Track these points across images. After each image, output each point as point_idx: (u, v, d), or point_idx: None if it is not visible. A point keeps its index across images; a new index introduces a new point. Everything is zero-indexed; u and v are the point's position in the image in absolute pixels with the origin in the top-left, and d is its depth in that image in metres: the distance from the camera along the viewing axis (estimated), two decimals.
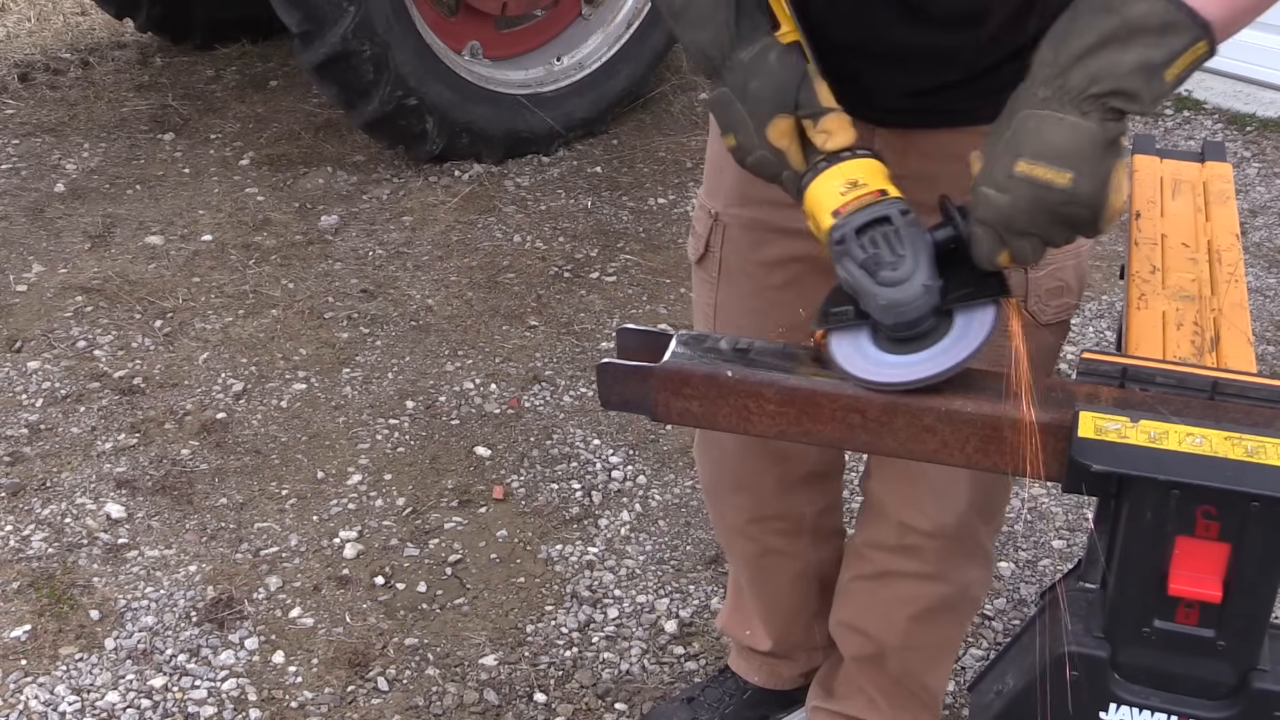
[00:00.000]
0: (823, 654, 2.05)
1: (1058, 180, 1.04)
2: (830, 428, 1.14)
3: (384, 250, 3.47)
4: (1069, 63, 1.04)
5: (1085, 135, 1.03)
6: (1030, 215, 1.06)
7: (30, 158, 3.96)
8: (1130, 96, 1.03)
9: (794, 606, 1.95)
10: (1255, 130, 4.19)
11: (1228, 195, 1.57)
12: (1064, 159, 1.04)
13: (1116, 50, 1.02)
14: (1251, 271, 3.38)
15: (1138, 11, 1.02)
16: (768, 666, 2.04)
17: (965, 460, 1.12)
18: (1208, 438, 1.01)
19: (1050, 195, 1.05)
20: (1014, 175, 1.05)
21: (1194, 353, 1.25)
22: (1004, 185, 1.06)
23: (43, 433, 2.76)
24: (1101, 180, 1.05)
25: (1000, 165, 1.06)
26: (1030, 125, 1.05)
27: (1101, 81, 1.03)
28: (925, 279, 1.10)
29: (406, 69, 3.57)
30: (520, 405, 2.88)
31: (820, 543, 1.91)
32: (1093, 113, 1.03)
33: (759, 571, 1.92)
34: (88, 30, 4.89)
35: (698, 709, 2.06)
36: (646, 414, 1.20)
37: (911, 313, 1.11)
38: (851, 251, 1.12)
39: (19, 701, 2.12)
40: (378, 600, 2.34)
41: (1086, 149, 1.03)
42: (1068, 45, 1.04)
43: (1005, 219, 1.07)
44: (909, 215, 1.13)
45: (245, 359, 3.01)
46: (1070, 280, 1.47)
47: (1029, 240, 1.08)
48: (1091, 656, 1.05)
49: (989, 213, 1.08)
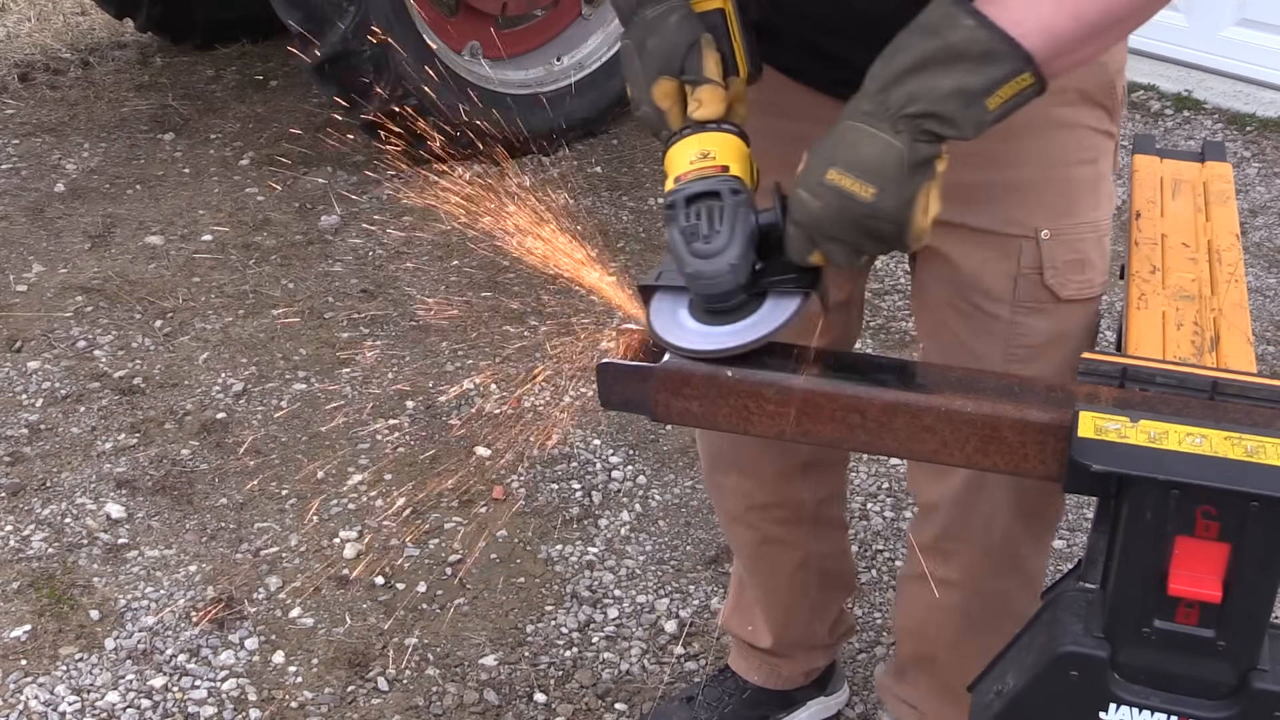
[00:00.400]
0: (823, 654, 2.05)
1: (861, 194, 1.06)
2: (830, 428, 1.14)
3: (384, 250, 3.47)
4: (891, 80, 1.06)
5: (894, 154, 1.05)
6: (836, 223, 1.09)
7: (30, 158, 3.96)
8: (946, 120, 1.04)
9: (794, 599, 1.95)
10: (1255, 130, 4.19)
11: (1228, 195, 1.57)
12: (870, 174, 1.06)
13: (936, 73, 1.04)
14: (1251, 271, 3.38)
15: (959, 37, 1.03)
16: (768, 665, 2.04)
17: (965, 460, 1.12)
18: (1208, 438, 1.01)
19: (854, 207, 1.07)
20: (825, 183, 1.08)
21: (1194, 353, 1.25)
22: (815, 191, 1.09)
23: (43, 433, 2.76)
24: (905, 199, 1.06)
25: (815, 171, 1.09)
26: (848, 136, 1.07)
27: (918, 102, 1.04)
28: (733, 258, 1.13)
29: (406, 69, 3.57)
30: (520, 405, 2.88)
31: (821, 533, 1.90)
32: (905, 133, 1.05)
33: (758, 561, 1.92)
34: (88, 30, 4.89)
35: (697, 709, 2.06)
36: (646, 414, 1.21)
37: (714, 286, 1.15)
38: (677, 218, 1.17)
39: (19, 701, 2.12)
40: (378, 600, 2.34)
41: (892, 167, 1.05)
42: (894, 62, 1.06)
43: (815, 223, 1.10)
44: (740, 195, 1.16)
45: (245, 359, 3.01)
46: (1091, 255, 1.42)
47: (839, 245, 1.10)
48: (1091, 656, 1.05)
49: (801, 214, 1.11)
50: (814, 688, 2.09)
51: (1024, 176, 1.37)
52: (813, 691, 2.10)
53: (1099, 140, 1.40)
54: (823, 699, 2.11)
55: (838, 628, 2.04)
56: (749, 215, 1.15)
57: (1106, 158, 1.43)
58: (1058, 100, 1.31)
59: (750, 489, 1.82)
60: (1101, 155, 1.41)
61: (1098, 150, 1.40)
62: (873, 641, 2.29)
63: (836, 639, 2.06)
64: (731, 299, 1.15)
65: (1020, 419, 1.09)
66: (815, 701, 2.11)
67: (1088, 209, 1.40)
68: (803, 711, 2.10)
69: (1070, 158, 1.38)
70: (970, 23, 1.03)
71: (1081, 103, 1.35)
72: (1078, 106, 1.35)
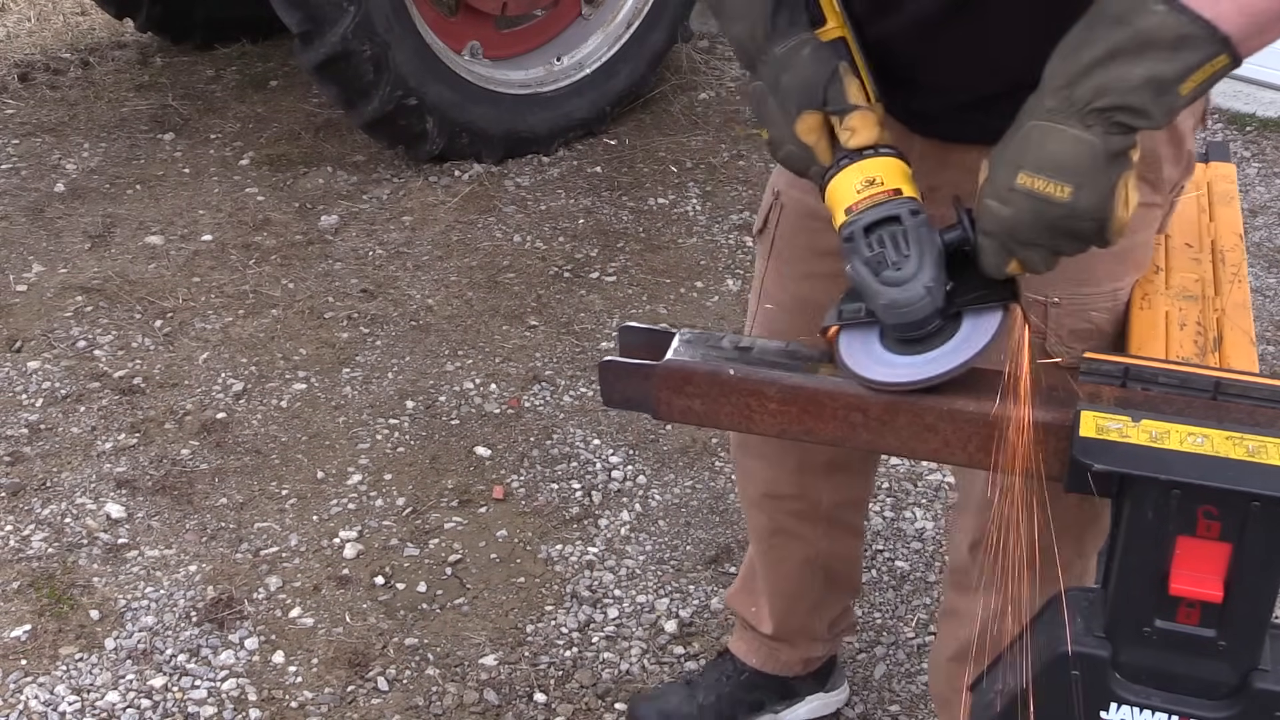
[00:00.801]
0: (822, 645, 2.06)
1: (1058, 194, 1.03)
2: (832, 426, 1.14)
3: (384, 250, 3.47)
4: (1077, 75, 1.02)
5: (1087, 149, 1.01)
6: (1033, 228, 1.05)
7: (30, 158, 3.96)
8: (1138, 112, 1.01)
9: (798, 590, 1.96)
10: (1255, 130, 4.19)
11: (1231, 195, 1.57)
12: (1065, 172, 1.02)
13: (1126, 63, 1.00)
14: (1252, 271, 3.38)
15: (1150, 23, 0.99)
16: (766, 649, 2.04)
17: (967, 459, 1.12)
18: (1209, 437, 1.01)
19: (1051, 209, 1.04)
20: (1015, 188, 1.04)
21: (1197, 353, 1.25)
22: (1006, 198, 1.05)
23: (43, 433, 2.76)
24: (1103, 194, 1.03)
25: (1003, 177, 1.05)
26: (1034, 137, 1.04)
27: (1108, 95, 1.01)
28: (928, 280, 1.09)
29: (406, 69, 3.57)
30: (520, 405, 2.87)
31: (834, 535, 1.90)
32: (1096, 126, 1.01)
33: (768, 549, 1.93)
34: (88, 30, 4.89)
35: (695, 689, 2.08)
36: (648, 412, 1.20)
37: (913, 314, 1.10)
38: (859, 249, 1.12)
39: (19, 701, 2.12)
40: (378, 600, 2.34)
41: (1087, 163, 1.02)
42: (1077, 56, 1.02)
43: (1009, 230, 1.06)
44: (919, 216, 1.12)
45: (245, 359, 3.01)
46: (1104, 324, 1.37)
47: (1036, 251, 1.07)
48: (1092, 656, 1.05)
49: (992, 224, 1.07)
50: (813, 681, 2.10)
51: None
52: (812, 685, 2.11)
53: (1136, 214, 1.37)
54: (822, 695, 2.12)
55: (838, 624, 2.05)
56: (934, 235, 1.11)
57: (1146, 229, 1.37)
58: None
59: (771, 477, 1.83)
60: (1138, 228, 1.34)
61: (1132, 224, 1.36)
62: (873, 641, 2.29)
63: (835, 635, 2.07)
64: (930, 324, 1.11)
65: (1022, 418, 1.09)
66: (815, 697, 2.11)
67: (1107, 279, 1.36)
68: (801, 706, 2.11)
69: None
70: (1161, 8, 0.98)
71: None
72: None
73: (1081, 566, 1.60)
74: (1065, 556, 1.57)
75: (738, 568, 2.42)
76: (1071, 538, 1.55)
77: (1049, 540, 1.54)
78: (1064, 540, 1.55)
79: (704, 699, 2.06)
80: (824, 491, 1.83)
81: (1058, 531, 1.54)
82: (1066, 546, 1.56)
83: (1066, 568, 1.57)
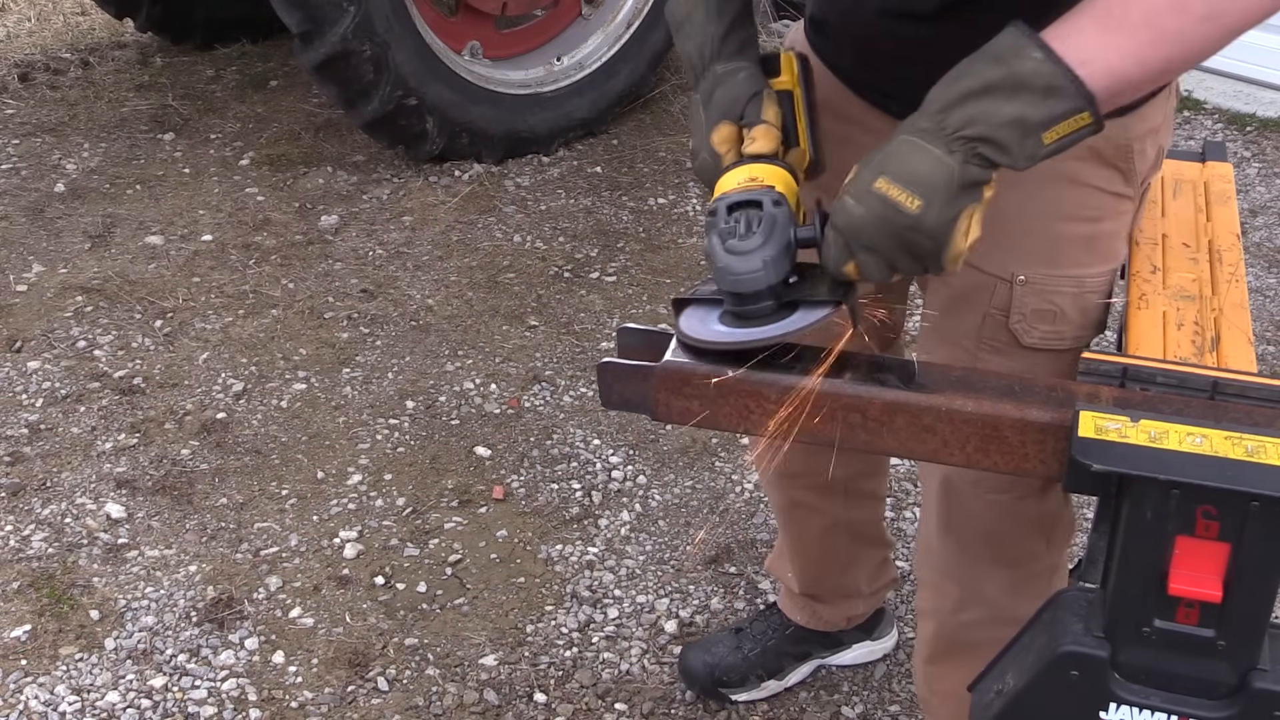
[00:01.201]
0: (863, 603, 2.11)
1: (907, 204, 1.07)
2: (831, 427, 1.15)
3: (384, 250, 3.47)
4: (952, 102, 1.07)
5: (945, 170, 1.06)
6: (876, 232, 1.09)
7: (30, 158, 3.96)
8: (1000, 147, 1.05)
9: (822, 555, 2.01)
10: (1255, 130, 4.19)
11: (1228, 195, 1.57)
12: (918, 186, 1.07)
13: (998, 101, 1.04)
14: (1251, 271, 3.38)
15: (1025, 68, 1.04)
16: (809, 608, 2.11)
17: (965, 460, 1.12)
18: (1208, 437, 1.01)
19: (898, 218, 1.08)
20: (872, 190, 1.09)
21: (1195, 353, 1.25)
22: (861, 197, 1.10)
23: (43, 433, 2.76)
24: (949, 217, 1.07)
25: (864, 179, 1.10)
26: (902, 150, 1.08)
27: (975, 126, 1.05)
28: (766, 256, 1.14)
29: (406, 69, 3.57)
30: (520, 405, 2.88)
31: (852, 504, 1.95)
32: (958, 153, 1.06)
33: (788, 521, 2.00)
34: (88, 30, 4.89)
35: (742, 639, 2.15)
36: (647, 413, 1.21)
37: (745, 283, 1.15)
38: (716, 223, 1.18)
39: (19, 701, 2.12)
40: (378, 600, 2.34)
41: (942, 183, 1.06)
42: (956, 85, 1.07)
43: (854, 229, 1.10)
44: (781, 207, 1.17)
45: (245, 359, 3.01)
46: (1066, 308, 1.40)
47: (875, 257, 1.11)
48: (1091, 656, 1.05)
49: (843, 219, 1.11)
50: (859, 631, 2.17)
51: (1014, 222, 1.36)
52: (858, 635, 2.18)
53: (1106, 201, 1.37)
54: (869, 643, 2.19)
55: (877, 579, 2.11)
56: (788, 225, 1.16)
57: (1115, 219, 1.39)
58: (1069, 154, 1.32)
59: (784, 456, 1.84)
60: (1107, 216, 1.38)
61: (1102, 210, 1.37)
62: None
63: (876, 589, 2.12)
64: (761, 300, 1.15)
65: (1021, 419, 1.09)
66: (861, 645, 2.19)
67: (1073, 265, 1.38)
68: (848, 653, 2.18)
69: (1065, 212, 1.36)
70: (1039, 55, 1.04)
71: (1092, 160, 1.34)
72: (1087, 163, 1.34)
73: (1050, 560, 1.62)
74: (1031, 548, 1.59)
75: (738, 568, 2.42)
76: (1037, 530, 1.57)
77: (1012, 531, 1.56)
78: (1029, 532, 1.57)
79: (750, 650, 2.13)
80: (838, 467, 1.85)
81: (1022, 523, 1.56)
82: (1032, 538, 1.58)
83: (1033, 559, 1.59)
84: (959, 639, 1.67)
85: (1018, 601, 1.54)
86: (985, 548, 1.58)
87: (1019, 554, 1.59)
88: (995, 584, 1.61)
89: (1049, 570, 1.62)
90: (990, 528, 1.56)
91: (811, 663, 2.17)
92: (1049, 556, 1.61)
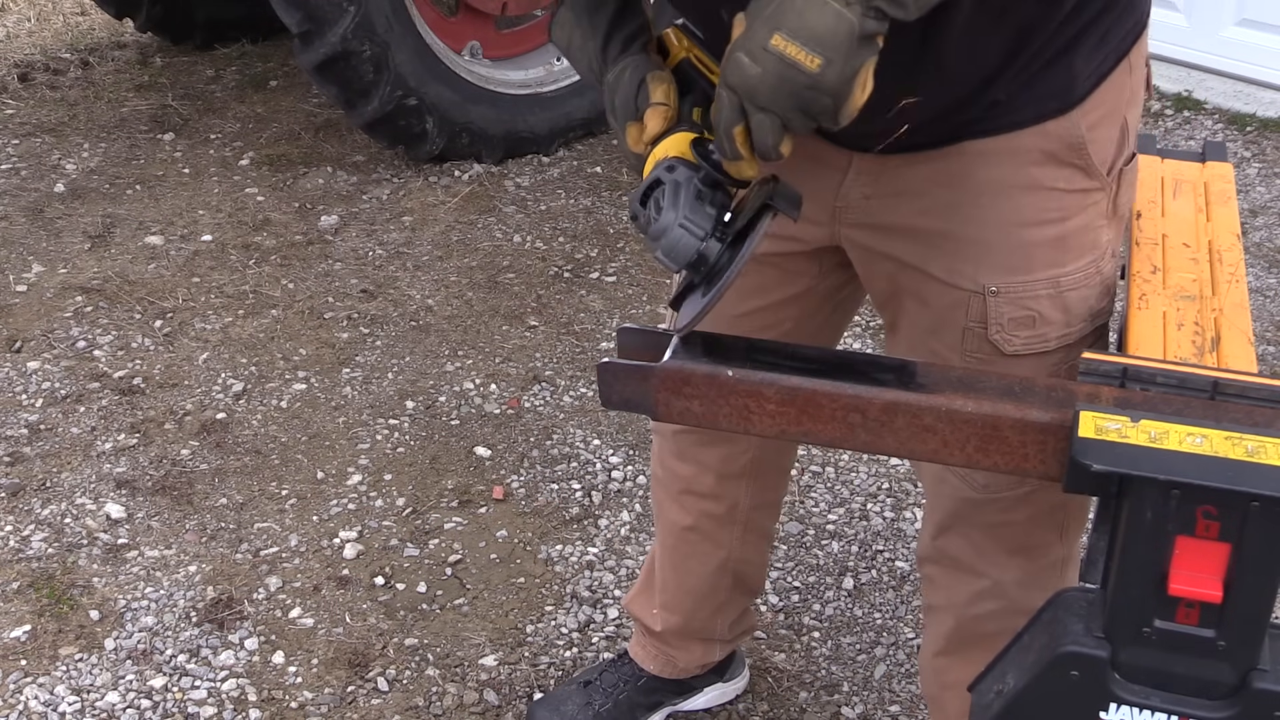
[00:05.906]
0: (720, 648, 2.06)
1: (807, 63, 1.03)
2: (830, 427, 1.14)
3: (384, 250, 3.47)
4: None
5: (845, 26, 1.02)
6: (774, 91, 1.05)
7: (30, 158, 3.96)
8: (895, 1, 1.03)
9: (705, 590, 1.95)
10: (1255, 130, 4.19)
11: (1229, 195, 1.57)
12: (818, 43, 1.03)
13: None
14: (1251, 271, 3.38)
15: None
16: (664, 655, 2.05)
17: (965, 460, 1.12)
18: (1208, 437, 1.01)
19: (797, 77, 1.04)
20: (769, 49, 1.04)
21: (1195, 353, 1.25)
22: (757, 55, 1.05)
23: (43, 433, 2.76)
24: (849, 73, 1.04)
25: (758, 35, 1.05)
26: (797, 4, 1.04)
27: None
28: (680, 218, 1.13)
29: (406, 69, 3.57)
30: (520, 405, 2.88)
31: (748, 539, 1.91)
32: (856, 5, 1.02)
33: (680, 544, 1.92)
34: (88, 30, 4.89)
35: (592, 693, 2.07)
36: (647, 413, 1.20)
37: (680, 252, 1.14)
38: (640, 224, 1.18)
39: (19, 701, 2.12)
40: (378, 600, 2.34)
41: (843, 39, 1.03)
42: None
43: (750, 89, 1.07)
44: (675, 170, 1.16)
45: (245, 359, 3.01)
46: (1045, 311, 1.38)
47: (769, 117, 1.07)
48: (1091, 656, 1.05)
49: (737, 78, 1.07)
50: (711, 675, 2.11)
51: (978, 234, 1.35)
52: (710, 679, 2.12)
53: (1069, 199, 1.35)
54: (720, 685, 2.13)
55: (738, 625, 2.06)
56: (691, 178, 1.16)
57: (1083, 213, 1.37)
58: (1022, 161, 1.30)
59: (690, 475, 1.84)
60: (1073, 213, 1.36)
61: (1066, 209, 1.35)
62: (873, 642, 2.29)
63: (735, 635, 2.07)
64: (709, 256, 1.14)
65: (1021, 419, 1.09)
66: (713, 688, 2.13)
67: (1045, 267, 1.37)
68: (700, 697, 2.12)
69: (1028, 219, 1.34)
70: None
71: (1048, 163, 1.32)
72: (1043, 167, 1.32)
73: (1064, 551, 1.61)
74: (1045, 538, 1.58)
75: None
76: (1052, 521, 1.57)
77: (1026, 522, 1.56)
78: (1044, 523, 1.57)
79: (600, 705, 2.05)
80: (744, 494, 1.84)
81: (1037, 514, 1.55)
82: (1046, 529, 1.57)
83: (1046, 549, 1.59)
84: (973, 631, 1.66)
85: (1031, 593, 1.53)
86: (1000, 539, 1.58)
87: (1033, 544, 1.58)
88: (1010, 575, 1.60)
89: (1062, 561, 1.61)
90: (1004, 519, 1.55)
91: (663, 711, 2.10)
92: (1062, 547, 1.60)
